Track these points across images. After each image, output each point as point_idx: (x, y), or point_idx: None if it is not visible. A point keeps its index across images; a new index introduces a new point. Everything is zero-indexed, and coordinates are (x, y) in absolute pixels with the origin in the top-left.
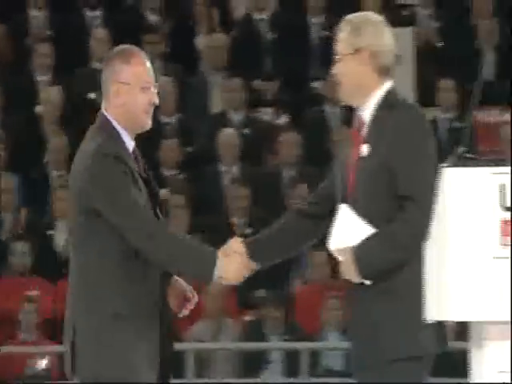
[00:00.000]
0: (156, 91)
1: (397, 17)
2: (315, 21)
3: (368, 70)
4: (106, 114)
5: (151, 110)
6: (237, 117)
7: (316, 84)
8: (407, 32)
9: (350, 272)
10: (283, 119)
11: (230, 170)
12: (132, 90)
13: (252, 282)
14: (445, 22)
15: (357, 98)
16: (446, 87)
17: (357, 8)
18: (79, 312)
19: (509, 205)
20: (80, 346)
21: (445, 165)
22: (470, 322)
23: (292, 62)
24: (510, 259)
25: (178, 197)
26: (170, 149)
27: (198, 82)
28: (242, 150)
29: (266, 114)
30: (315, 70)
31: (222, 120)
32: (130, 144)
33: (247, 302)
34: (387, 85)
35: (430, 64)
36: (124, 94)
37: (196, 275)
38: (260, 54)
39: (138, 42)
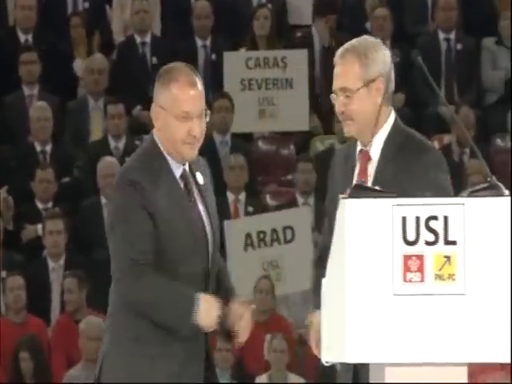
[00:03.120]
0: (201, 120)
1: (290, 39)
2: (202, 43)
3: (380, 100)
4: (154, 134)
5: (192, 141)
6: (118, 144)
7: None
8: (302, 54)
9: None
10: None
11: None
12: (168, 116)
13: None
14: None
15: (367, 133)
16: None
17: (247, 30)
18: (106, 337)
19: (412, 239)
20: (104, 369)
21: (344, 196)
22: (369, 364)
23: None
24: (411, 296)
25: (55, 232)
26: (44, 179)
27: (77, 107)
28: None
29: None
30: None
31: (102, 148)
32: (177, 168)
33: None
34: (392, 115)
35: (327, 90)
36: (161, 118)
37: (172, 322)
38: (142, 79)
39: (13, 63)
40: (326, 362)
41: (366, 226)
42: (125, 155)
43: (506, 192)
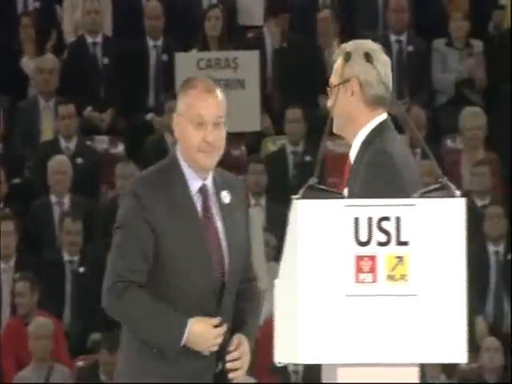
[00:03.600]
0: (219, 129)
1: (242, 39)
2: (153, 44)
3: (356, 100)
4: (177, 148)
5: (207, 149)
6: (69, 145)
7: (153, 112)
8: (253, 55)
9: None
10: (119, 148)
11: (61, 202)
12: (185, 122)
13: (86, 325)
14: (294, 45)
15: (347, 132)
16: (294, 117)
17: (198, 31)
18: (118, 353)
19: (364, 239)
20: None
21: (296, 196)
22: (321, 364)
23: (128, 88)
24: (364, 297)
25: (6, 233)
26: None
27: (27, 107)
28: (75, 181)
29: (100, 142)
30: (154, 97)
31: (52, 148)
32: (195, 182)
33: (81, 346)
34: (379, 118)
35: (279, 90)
36: (179, 126)
37: (156, 345)
38: (93, 80)
39: None
40: (279, 363)
41: (319, 227)
42: (75, 155)
43: (457, 193)
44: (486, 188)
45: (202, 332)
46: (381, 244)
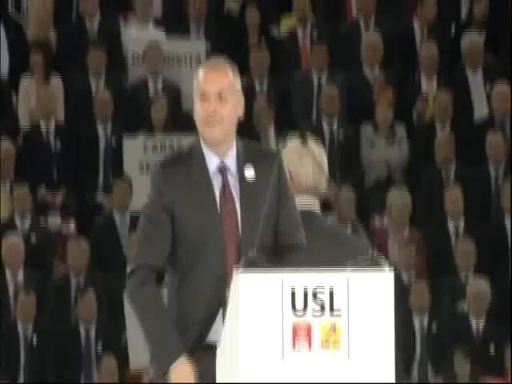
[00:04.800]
0: (222, 102)
1: (185, 125)
2: (103, 129)
3: None
4: None
5: (210, 121)
6: (23, 223)
7: (103, 192)
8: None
9: None
10: (71, 226)
11: (15, 277)
12: (195, 101)
13: None
14: None
15: None
16: None
17: (145, 116)
18: None
19: (300, 308)
20: None
21: (237, 270)
22: None
23: (79, 170)
24: (300, 363)
25: None
26: None
27: None
28: (29, 257)
29: (53, 220)
30: (103, 178)
31: (8, 226)
32: (212, 160)
33: None
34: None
35: None
36: (193, 106)
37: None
38: (47, 162)
39: None
40: None
41: (258, 298)
42: (30, 233)
43: (387, 266)
44: (411, 263)
45: (182, 376)
46: (315, 313)
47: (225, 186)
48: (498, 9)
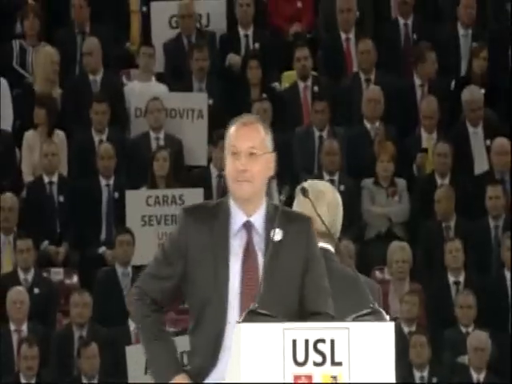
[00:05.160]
0: (252, 159)
1: (187, 178)
2: (106, 183)
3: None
4: None
5: (239, 178)
6: (27, 276)
7: (105, 246)
8: (198, 193)
9: None
10: (73, 279)
11: (19, 330)
12: (225, 156)
13: None
14: None
15: None
16: None
17: (147, 170)
18: None
19: (301, 360)
20: None
21: (239, 320)
22: None
23: (82, 223)
24: None
25: None
26: None
27: None
28: (32, 310)
29: (56, 274)
30: (105, 232)
31: (12, 279)
32: (239, 218)
33: None
34: None
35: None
36: (224, 162)
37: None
38: (49, 216)
39: None
40: None
41: (260, 348)
42: (33, 286)
43: (387, 318)
44: (412, 316)
45: None
46: (316, 364)
47: (249, 243)
48: (498, 65)
